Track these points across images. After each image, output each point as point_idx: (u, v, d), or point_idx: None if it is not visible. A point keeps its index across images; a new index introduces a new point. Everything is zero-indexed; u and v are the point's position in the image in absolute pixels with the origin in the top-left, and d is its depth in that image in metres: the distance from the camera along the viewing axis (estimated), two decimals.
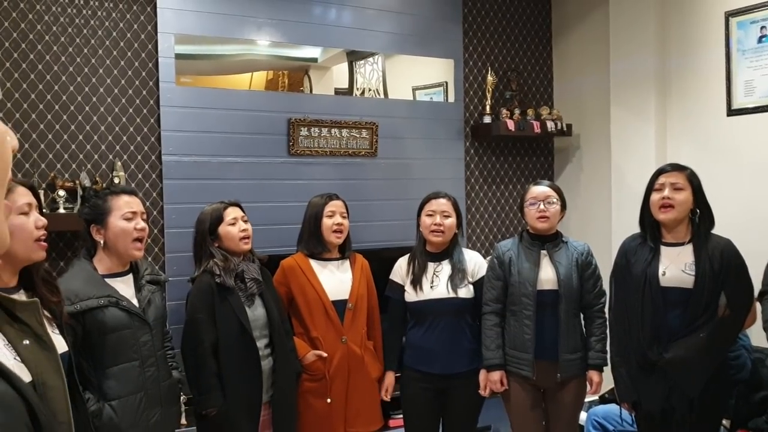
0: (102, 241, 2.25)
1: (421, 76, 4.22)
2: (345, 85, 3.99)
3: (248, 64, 3.72)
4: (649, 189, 2.66)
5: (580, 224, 4.32)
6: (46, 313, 1.56)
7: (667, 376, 2.54)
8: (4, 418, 0.54)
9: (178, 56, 3.44)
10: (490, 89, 4.30)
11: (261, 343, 2.67)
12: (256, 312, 2.68)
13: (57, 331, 1.62)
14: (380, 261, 3.26)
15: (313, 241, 2.90)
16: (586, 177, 4.48)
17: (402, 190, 4.02)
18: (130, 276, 2.30)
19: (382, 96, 4.06)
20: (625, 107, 4.06)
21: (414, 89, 4.20)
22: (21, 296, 1.59)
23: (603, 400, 3.44)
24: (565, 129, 4.39)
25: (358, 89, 4.02)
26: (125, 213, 2.24)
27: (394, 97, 4.09)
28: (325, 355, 2.79)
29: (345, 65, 3.99)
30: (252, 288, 2.68)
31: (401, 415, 3.06)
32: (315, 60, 3.92)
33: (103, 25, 3.33)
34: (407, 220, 3.80)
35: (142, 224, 2.27)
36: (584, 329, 2.90)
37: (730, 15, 3.60)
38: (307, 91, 3.84)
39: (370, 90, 4.04)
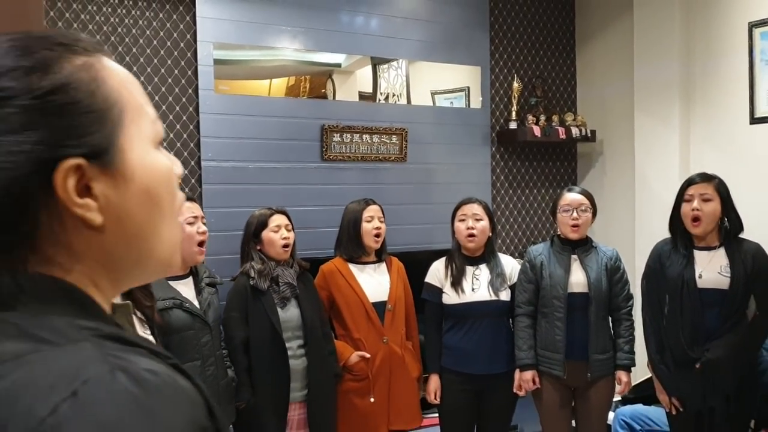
0: None
1: (442, 81, 4.30)
2: (369, 89, 4.08)
3: (274, 70, 3.82)
4: (679, 199, 2.77)
5: (603, 228, 4.40)
6: (139, 315, 1.66)
7: (704, 375, 2.64)
8: (196, 416, 0.52)
9: (217, 63, 3.55)
10: (516, 95, 4.38)
11: (294, 344, 2.77)
12: (289, 314, 2.78)
13: (149, 332, 1.71)
14: (408, 263, 3.35)
15: (352, 246, 3.00)
16: (609, 182, 4.55)
17: (430, 194, 4.12)
18: (191, 279, 2.40)
19: (404, 100, 4.15)
20: (649, 113, 4.13)
21: (433, 93, 4.28)
22: (116, 299, 1.68)
23: (627, 400, 3.52)
24: (589, 135, 4.47)
25: (381, 93, 4.11)
26: (188, 218, 2.34)
27: (416, 100, 4.18)
28: (368, 355, 2.89)
29: (369, 69, 4.07)
30: (285, 292, 2.78)
31: (435, 415, 3.16)
32: (339, 65, 4.01)
33: (144, 33, 3.45)
34: (435, 223, 3.92)
35: (203, 228, 2.37)
36: (612, 331, 2.99)
37: (753, 26, 3.67)
38: (330, 96, 3.94)
39: (393, 95, 4.13)
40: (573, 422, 3.08)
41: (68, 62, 0.59)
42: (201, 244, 2.37)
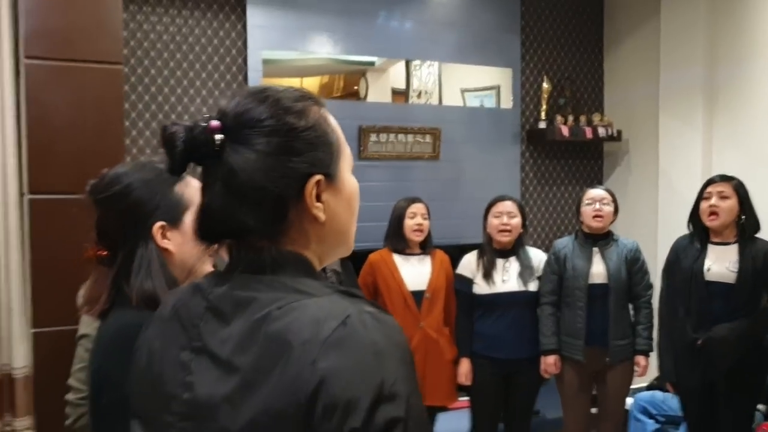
0: None
1: (473, 80, 4.51)
2: (401, 86, 4.30)
3: (311, 69, 4.05)
4: (699, 197, 2.98)
5: (627, 224, 4.59)
6: None
7: (703, 352, 2.88)
8: (404, 338, 0.80)
9: (265, 64, 3.82)
10: (546, 96, 4.60)
11: None
12: None
13: None
14: None
15: (396, 239, 3.27)
16: (634, 180, 4.74)
17: (461, 191, 4.36)
18: None
19: (436, 98, 4.37)
20: (673, 115, 4.31)
21: (463, 91, 4.49)
22: None
23: (650, 387, 3.74)
24: (615, 135, 4.67)
25: (414, 91, 4.34)
26: None
27: (447, 100, 4.40)
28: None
29: (402, 67, 4.29)
30: (331, 277, 3.06)
31: (466, 397, 3.41)
32: (372, 63, 4.25)
33: (199, 41, 3.74)
34: (465, 218, 4.15)
35: None
36: (632, 318, 3.22)
37: None
38: (363, 93, 4.18)
39: (426, 92, 4.36)
40: (593, 411, 3.32)
41: (313, 110, 0.87)
42: None
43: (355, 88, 4.17)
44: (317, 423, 0.72)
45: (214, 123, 0.82)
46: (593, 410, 3.33)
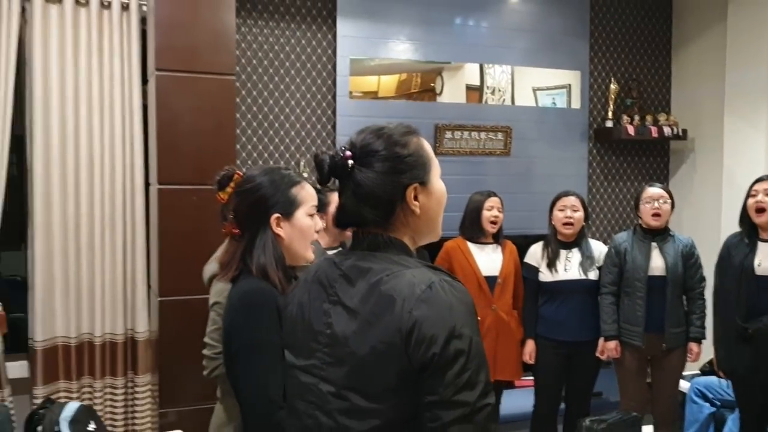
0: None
1: (544, 80, 4.76)
2: (476, 82, 4.60)
3: (390, 68, 4.39)
4: (747, 195, 3.20)
5: (692, 220, 4.80)
6: None
7: (756, 344, 3.09)
8: (472, 302, 1.18)
9: (354, 65, 4.22)
10: (613, 97, 4.84)
11: None
12: None
13: None
14: None
15: (473, 228, 3.61)
16: (699, 177, 4.93)
17: (530, 185, 4.66)
18: None
19: (509, 97, 4.66)
20: (739, 115, 4.48)
21: (535, 90, 4.76)
22: None
23: (703, 372, 3.97)
24: (680, 133, 4.86)
25: (488, 88, 4.66)
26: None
27: (519, 99, 4.68)
28: (478, 318, 3.50)
29: (476, 66, 4.58)
30: None
31: (531, 377, 3.74)
32: (449, 62, 4.56)
33: (294, 50, 4.18)
34: (534, 211, 4.45)
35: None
36: (686, 308, 3.48)
37: None
38: (438, 89, 4.50)
39: (499, 90, 4.67)
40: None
41: (414, 140, 1.28)
42: None
43: (432, 84, 4.52)
44: (412, 350, 1.12)
45: (348, 153, 1.25)
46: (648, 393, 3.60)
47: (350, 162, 1.24)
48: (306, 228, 1.83)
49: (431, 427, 1.10)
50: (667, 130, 4.81)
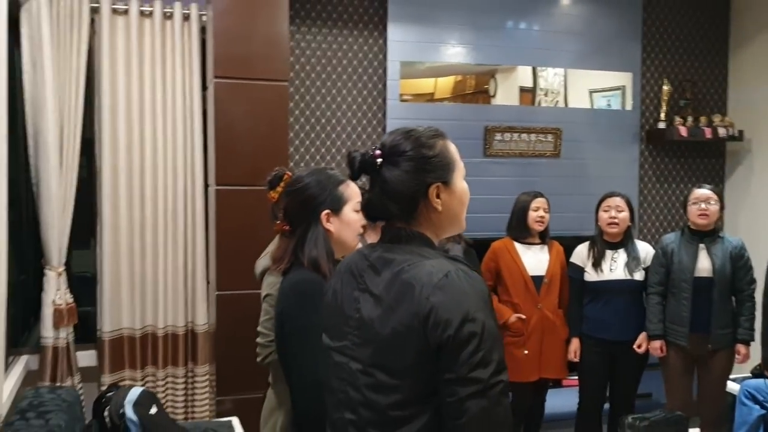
0: None
1: (598, 82, 4.77)
2: (529, 83, 4.65)
3: (444, 70, 4.48)
4: None
5: (750, 221, 4.72)
6: None
7: None
8: (486, 289, 1.32)
9: (404, 68, 4.33)
10: (666, 98, 4.80)
11: None
12: None
13: None
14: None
15: (519, 228, 3.68)
16: (756, 179, 4.83)
17: (581, 187, 4.67)
18: None
19: (562, 99, 4.69)
20: None
21: (591, 92, 4.77)
22: None
23: (754, 375, 3.90)
24: (736, 135, 4.78)
25: (541, 90, 4.69)
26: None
27: (573, 99, 4.70)
28: (524, 317, 3.56)
29: (529, 68, 4.63)
30: None
31: (575, 376, 3.77)
32: (500, 64, 4.61)
33: (346, 55, 4.33)
34: (584, 213, 4.44)
35: None
36: (735, 309, 3.45)
37: None
38: (492, 91, 4.57)
39: (552, 92, 4.70)
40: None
41: (440, 143, 1.38)
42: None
43: (485, 87, 4.59)
44: (429, 332, 1.23)
45: (377, 152, 1.37)
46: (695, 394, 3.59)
47: (379, 160, 1.36)
48: (353, 222, 2.00)
49: (449, 402, 1.22)
50: (722, 131, 4.75)
